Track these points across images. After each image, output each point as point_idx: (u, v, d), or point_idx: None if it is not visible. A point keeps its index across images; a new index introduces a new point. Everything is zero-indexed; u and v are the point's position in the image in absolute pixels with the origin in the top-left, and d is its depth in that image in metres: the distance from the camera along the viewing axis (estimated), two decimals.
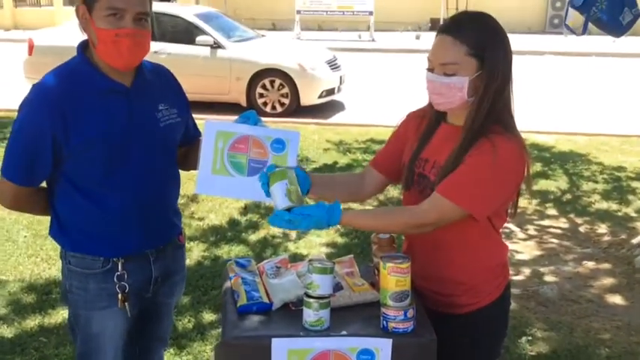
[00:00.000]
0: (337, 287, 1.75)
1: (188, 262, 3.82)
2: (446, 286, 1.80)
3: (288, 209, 1.62)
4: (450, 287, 1.79)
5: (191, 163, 2.03)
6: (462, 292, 1.79)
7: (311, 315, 1.61)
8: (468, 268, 1.78)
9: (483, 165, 1.63)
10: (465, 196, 1.64)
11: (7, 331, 3.28)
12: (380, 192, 2.02)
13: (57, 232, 1.94)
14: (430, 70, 1.70)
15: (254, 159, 1.79)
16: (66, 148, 1.78)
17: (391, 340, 1.58)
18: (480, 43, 1.65)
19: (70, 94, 1.78)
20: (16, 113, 1.81)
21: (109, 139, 1.80)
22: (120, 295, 1.91)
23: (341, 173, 2.09)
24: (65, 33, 8.51)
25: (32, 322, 3.36)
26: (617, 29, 4.17)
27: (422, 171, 1.78)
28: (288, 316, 1.69)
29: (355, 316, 1.70)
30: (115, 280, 1.90)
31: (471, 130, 1.67)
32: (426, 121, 1.84)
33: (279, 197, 1.65)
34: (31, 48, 8.65)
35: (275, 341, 1.57)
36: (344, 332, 1.61)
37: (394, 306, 1.61)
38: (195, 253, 4.24)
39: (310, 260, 1.67)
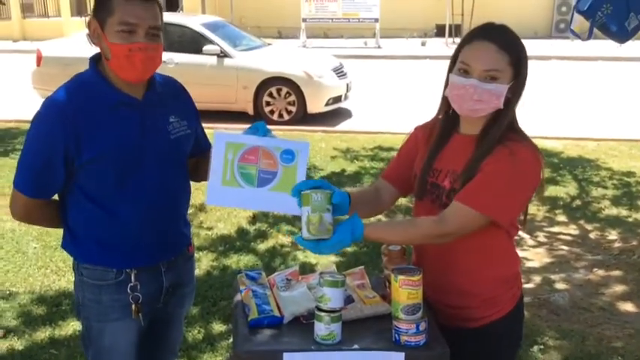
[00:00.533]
0: (348, 300, 1.75)
1: (197, 272, 3.81)
2: (461, 298, 1.78)
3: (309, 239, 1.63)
4: (466, 300, 1.78)
5: (202, 174, 2.03)
6: (478, 304, 1.77)
7: (322, 329, 1.61)
8: (486, 279, 1.77)
9: (502, 171, 1.64)
10: (486, 203, 1.64)
11: (18, 343, 3.28)
12: (394, 204, 2.02)
13: (69, 243, 1.95)
14: (468, 75, 1.67)
15: (264, 170, 1.79)
16: (78, 161, 1.79)
17: (403, 353, 1.58)
18: (517, 55, 1.68)
19: (81, 107, 1.79)
20: (29, 125, 1.82)
21: (120, 152, 1.81)
22: (134, 306, 1.91)
23: (361, 190, 2.07)
24: (73, 44, 8.61)
25: (42, 334, 3.36)
26: (622, 35, 4.15)
27: (435, 180, 1.77)
28: (299, 330, 1.69)
29: (367, 329, 1.69)
30: (129, 290, 1.90)
31: (492, 138, 1.68)
32: (436, 132, 1.83)
33: (302, 224, 1.65)
34: (39, 59, 8.71)
35: (287, 356, 1.57)
36: (356, 346, 1.60)
37: (406, 319, 1.60)
38: (204, 263, 4.25)
39: (321, 273, 1.67)
